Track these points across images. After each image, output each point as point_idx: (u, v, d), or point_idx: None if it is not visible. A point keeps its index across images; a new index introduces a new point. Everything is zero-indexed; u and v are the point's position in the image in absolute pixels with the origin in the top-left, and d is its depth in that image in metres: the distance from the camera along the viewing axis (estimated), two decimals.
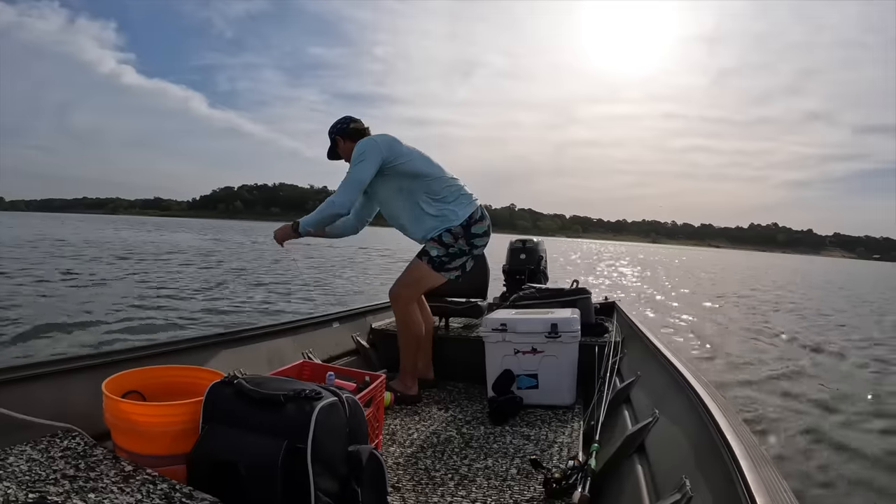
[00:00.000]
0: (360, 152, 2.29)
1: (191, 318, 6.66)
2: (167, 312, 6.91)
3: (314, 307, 7.99)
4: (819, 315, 12.08)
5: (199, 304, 7.72)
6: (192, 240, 28.07)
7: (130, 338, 5.42)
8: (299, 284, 10.20)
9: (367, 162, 2.27)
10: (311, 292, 8.70)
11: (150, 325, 6.08)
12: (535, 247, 4.19)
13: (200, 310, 7.27)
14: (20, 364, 1.41)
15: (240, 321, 6.59)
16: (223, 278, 11.19)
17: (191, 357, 1.84)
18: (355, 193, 2.29)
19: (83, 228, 36.64)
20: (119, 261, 13.93)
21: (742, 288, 18.86)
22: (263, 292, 9.32)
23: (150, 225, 59.07)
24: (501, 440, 2.05)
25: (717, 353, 6.73)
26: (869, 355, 7.14)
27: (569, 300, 3.06)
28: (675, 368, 1.71)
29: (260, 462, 1.11)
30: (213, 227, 63.38)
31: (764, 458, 0.99)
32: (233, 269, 13.19)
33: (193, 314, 6.94)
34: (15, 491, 0.96)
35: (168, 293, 8.58)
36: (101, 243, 20.46)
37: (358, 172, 2.27)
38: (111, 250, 17.24)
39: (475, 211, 2.41)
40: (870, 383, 5.54)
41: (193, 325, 6.34)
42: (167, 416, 1.28)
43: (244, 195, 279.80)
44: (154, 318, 6.46)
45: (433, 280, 2.44)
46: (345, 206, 2.27)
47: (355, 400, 1.30)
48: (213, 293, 8.98)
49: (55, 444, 1.17)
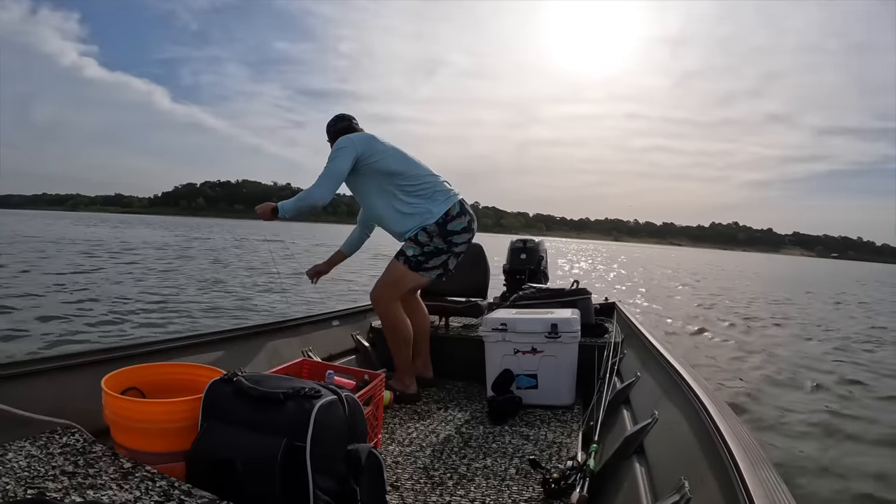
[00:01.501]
0: (336, 148, 2.34)
1: (190, 316, 6.67)
2: (167, 311, 6.91)
3: (312, 306, 7.96)
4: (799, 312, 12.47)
5: (198, 303, 7.72)
6: (166, 237, 27.99)
7: (130, 335, 5.42)
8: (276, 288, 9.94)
9: (340, 158, 2.31)
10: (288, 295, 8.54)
11: (149, 323, 6.07)
12: (536, 247, 4.19)
13: (199, 308, 7.27)
14: (19, 360, 1.41)
15: (238, 319, 6.59)
16: (214, 276, 11.17)
17: (190, 354, 1.84)
18: (331, 185, 2.31)
19: (60, 226, 36.56)
20: (116, 256, 13.95)
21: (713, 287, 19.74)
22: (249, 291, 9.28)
23: (114, 221, 58.70)
24: (500, 440, 2.05)
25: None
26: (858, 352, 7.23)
27: (569, 300, 3.06)
28: (675, 370, 1.71)
29: (259, 459, 1.11)
30: (178, 224, 61.72)
31: (763, 459, 0.99)
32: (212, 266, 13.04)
33: (193, 312, 6.94)
34: (14, 487, 0.96)
35: (167, 292, 8.58)
36: (85, 241, 20.46)
37: (332, 164, 2.31)
38: (99, 247, 17.25)
39: (452, 207, 2.39)
40: (870, 382, 5.55)
41: (193, 322, 6.34)
42: (166, 414, 1.28)
43: (207, 192, 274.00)
44: (153, 316, 6.46)
45: (412, 280, 2.44)
46: (322, 197, 2.30)
47: (355, 398, 1.30)
48: (210, 290, 8.99)
49: (54, 440, 1.17)
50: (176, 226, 52.32)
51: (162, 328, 5.91)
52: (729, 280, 24.00)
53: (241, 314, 7.05)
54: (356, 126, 2.54)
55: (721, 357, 6.44)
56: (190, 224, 64.65)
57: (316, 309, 2.93)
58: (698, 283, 19.86)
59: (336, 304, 3.28)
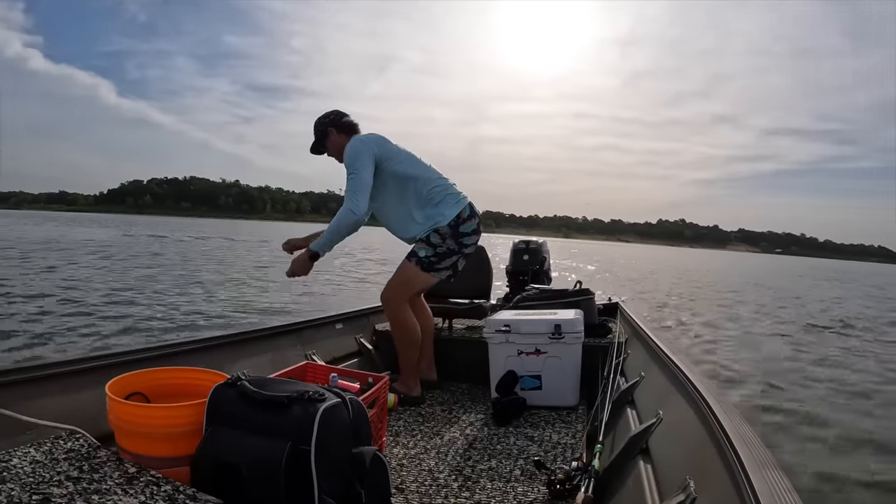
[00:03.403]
0: (354, 153, 2.29)
1: (192, 320, 6.68)
2: (170, 313, 6.93)
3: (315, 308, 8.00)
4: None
5: (201, 307, 7.73)
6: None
7: (133, 340, 5.43)
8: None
9: (362, 166, 2.27)
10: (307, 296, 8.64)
11: (152, 327, 6.09)
12: (539, 248, 4.19)
13: (199, 311, 7.29)
14: (24, 366, 1.41)
15: (242, 323, 6.60)
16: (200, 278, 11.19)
17: (194, 359, 1.84)
18: (366, 196, 2.27)
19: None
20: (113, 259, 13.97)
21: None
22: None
23: (65, 220, 57.85)
24: (505, 441, 2.05)
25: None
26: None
27: (572, 301, 3.06)
28: (679, 369, 1.71)
29: (264, 463, 1.11)
30: (127, 222, 60.32)
31: (768, 459, 0.99)
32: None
33: (193, 315, 6.96)
34: (19, 493, 0.96)
35: (168, 294, 8.60)
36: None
37: (358, 175, 2.26)
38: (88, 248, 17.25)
39: (463, 210, 2.40)
40: (869, 380, 5.53)
41: (196, 326, 6.35)
42: (171, 418, 1.27)
43: (154, 189, 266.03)
44: (156, 320, 6.47)
45: (423, 281, 2.44)
46: (362, 211, 2.26)
47: (359, 401, 1.30)
48: (212, 292, 9.00)
49: (59, 445, 1.18)
50: (128, 224, 51.23)
51: (165, 333, 5.92)
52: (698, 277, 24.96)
53: (244, 318, 7.06)
54: (358, 126, 2.51)
55: (721, 356, 6.43)
56: (143, 223, 63.13)
57: (319, 312, 2.93)
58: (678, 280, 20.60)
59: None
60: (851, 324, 10.47)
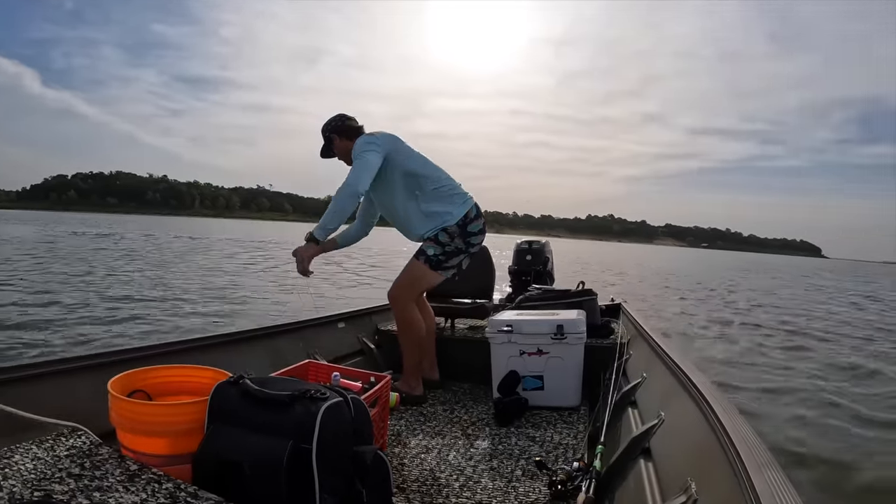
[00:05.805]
0: (363, 143, 2.31)
1: (195, 318, 6.69)
2: (171, 312, 6.94)
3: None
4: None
5: (202, 306, 7.75)
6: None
7: (136, 337, 5.44)
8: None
9: (371, 152, 2.28)
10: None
11: (155, 325, 6.10)
12: (542, 248, 4.19)
13: (203, 311, 7.30)
14: (26, 363, 1.42)
15: (244, 321, 6.61)
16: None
17: (196, 357, 1.84)
18: (368, 176, 2.27)
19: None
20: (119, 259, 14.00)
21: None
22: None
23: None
24: (506, 441, 2.04)
25: None
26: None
27: (575, 301, 3.06)
28: (681, 370, 1.70)
29: (265, 462, 1.11)
30: (53, 220, 56.85)
31: (770, 460, 0.99)
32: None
33: (199, 314, 6.97)
34: (20, 489, 0.96)
35: (168, 293, 8.62)
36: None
37: (365, 156, 2.27)
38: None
39: (470, 210, 2.43)
40: (870, 377, 5.52)
41: (199, 325, 6.36)
42: (172, 416, 1.28)
43: (78, 184, 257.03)
44: (159, 318, 6.49)
45: (431, 279, 2.45)
46: (362, 185, 2.25)
47: (361, 400, 1.30)
48: (212, 293, 9.02)
49: (61, 442, 1.18)
50: (56, 222, 47.93)
51: (167, 331, 5.93)
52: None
53: (246, 316, 7.08)
54: (363, 127, 2.51)
55: (722, 355, 6.42)
56: (66, 219, 60.07)
57: (321, 311, 2.94)
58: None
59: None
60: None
